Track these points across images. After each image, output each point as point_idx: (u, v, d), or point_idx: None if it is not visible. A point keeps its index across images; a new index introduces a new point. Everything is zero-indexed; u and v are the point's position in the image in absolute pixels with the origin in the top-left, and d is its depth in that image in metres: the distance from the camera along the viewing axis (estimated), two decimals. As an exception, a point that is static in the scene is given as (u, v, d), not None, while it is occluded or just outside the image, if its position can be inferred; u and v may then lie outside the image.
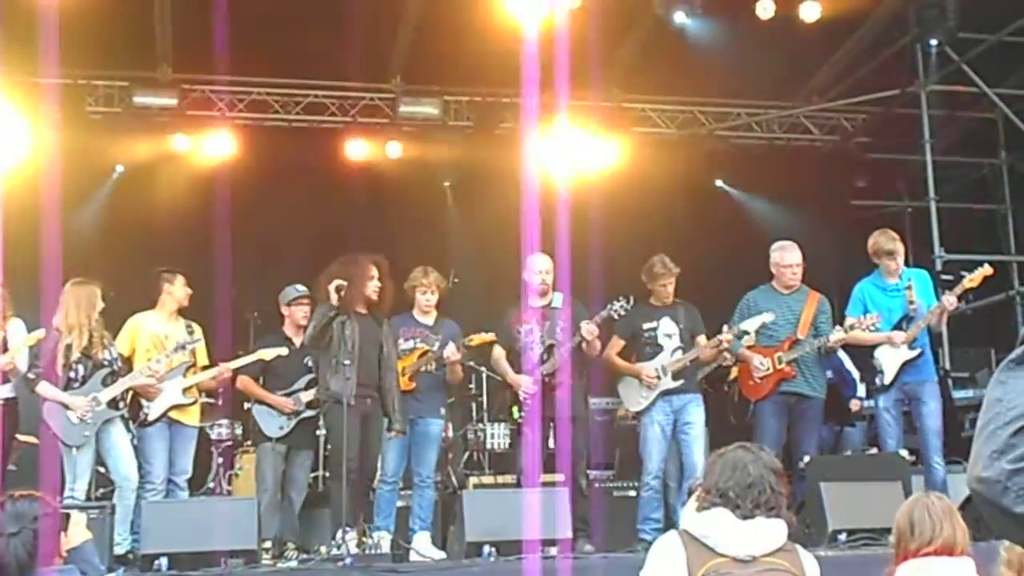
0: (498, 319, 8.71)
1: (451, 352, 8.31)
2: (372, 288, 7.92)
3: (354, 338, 7.72)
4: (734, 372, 9.51)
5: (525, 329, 8.46)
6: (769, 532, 3.52)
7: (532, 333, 8.44)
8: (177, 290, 8.39)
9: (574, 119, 11.83)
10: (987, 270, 8.35)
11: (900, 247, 8.58)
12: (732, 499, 3.55)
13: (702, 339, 8.55)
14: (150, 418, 8.08)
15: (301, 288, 8.73)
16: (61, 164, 11.05)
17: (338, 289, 7.66)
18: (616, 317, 8.33)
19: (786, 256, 8.63)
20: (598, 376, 8.94)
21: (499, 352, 8.61)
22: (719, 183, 13.64)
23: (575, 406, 8.38)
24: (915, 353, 8.34)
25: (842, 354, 9.52)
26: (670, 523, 7.84)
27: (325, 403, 7.91)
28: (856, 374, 9.65)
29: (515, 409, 8.41)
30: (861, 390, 9.75)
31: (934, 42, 11.14)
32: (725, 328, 8.46)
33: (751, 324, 8.46)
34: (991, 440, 1.49)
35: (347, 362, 7.54)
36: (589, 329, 8.20)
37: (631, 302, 8.34)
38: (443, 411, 8.68)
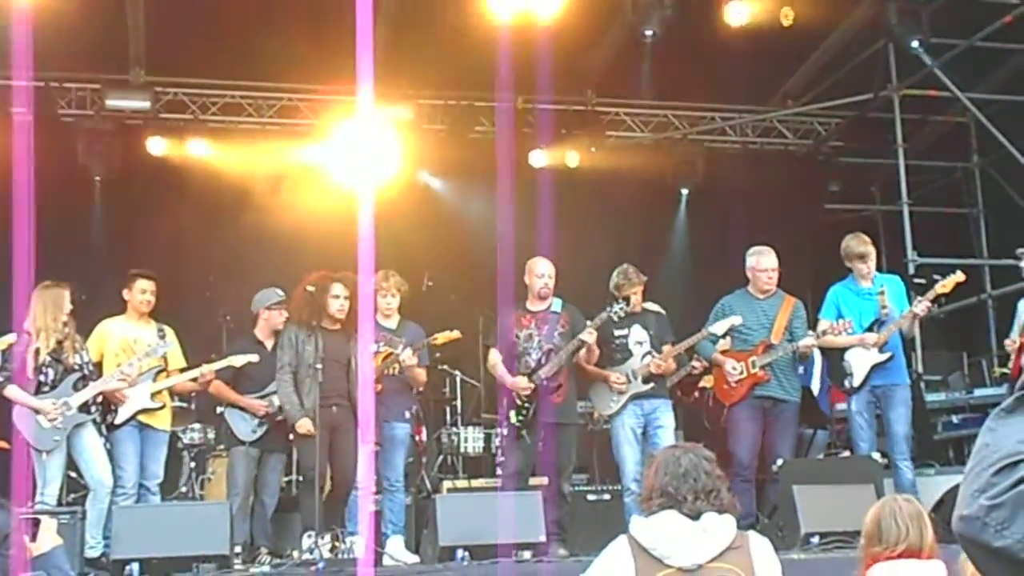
0: (470, 323, 8.66)
1: (407, 357, 8.30)
2: (335, 307, 7.93)
3: (319, 352, 7.72)
4: (705, 381, 9.55)
5: (524, 334, 8.42)
6: (716, 533, 3.52)
7: (532, 339, 8.40)
8: (135, 295, 8.33)
9: (547, 123, 11.83)
10: (959, 277, 8.34)
11: (871, 250, 8.63)
12: (673, 494, 3.55)
13: (668, 348, 8.56)
14: (116, 422, 8.04)
15: (280, 292, 8.68)
16: (33, 167, 11.00)
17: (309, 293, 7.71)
18: (615, 319, 8.31)
19: (762, 261, 8.65)
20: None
21: (495, 357, 8.51)
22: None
23: (567, 412, 8.39)
24: (885, 356, 8.37)
25: (816, 355, 9.55)
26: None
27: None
28: (817, 372, 9.64)
29: (513, 413, 8.34)
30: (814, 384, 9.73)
31: (915, 43, 11.15)
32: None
33: (719, 327, 8.49)
34: (974, 481, 1.52)
35: (319, 366, 7.54)
36: (590, 333, 8.20)
37: (630, 303, 8.33)
38: (408, 415, 8.64)
